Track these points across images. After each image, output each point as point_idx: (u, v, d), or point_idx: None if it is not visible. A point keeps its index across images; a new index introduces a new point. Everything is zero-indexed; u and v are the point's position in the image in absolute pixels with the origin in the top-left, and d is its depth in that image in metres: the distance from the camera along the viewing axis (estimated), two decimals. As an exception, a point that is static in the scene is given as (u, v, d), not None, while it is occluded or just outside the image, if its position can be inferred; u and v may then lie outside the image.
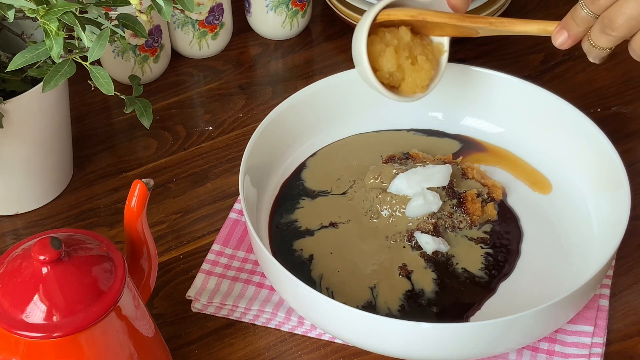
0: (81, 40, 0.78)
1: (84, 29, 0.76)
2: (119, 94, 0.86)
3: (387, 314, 0.83)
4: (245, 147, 0.89)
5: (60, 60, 0.78)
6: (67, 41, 0.78)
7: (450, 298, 0.84)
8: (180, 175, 1.00)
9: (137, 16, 0.82)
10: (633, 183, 0.87)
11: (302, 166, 0.97)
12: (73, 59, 0.79)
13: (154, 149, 1.03)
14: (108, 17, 0.82)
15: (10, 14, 0.75)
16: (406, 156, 0.96)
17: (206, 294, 0.86)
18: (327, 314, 0.79)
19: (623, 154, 0.90)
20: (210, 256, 0.90)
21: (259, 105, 1.08)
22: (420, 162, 0.94)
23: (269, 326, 0.86)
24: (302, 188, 0.95)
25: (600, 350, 0.82)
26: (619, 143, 0.93)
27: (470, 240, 0.89)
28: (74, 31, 0.78)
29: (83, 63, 0.79)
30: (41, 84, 0.81)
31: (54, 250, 0.68)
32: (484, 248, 0.88)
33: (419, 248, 0.88)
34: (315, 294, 0.77)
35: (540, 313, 0.76)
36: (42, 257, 0.67)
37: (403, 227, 0.89)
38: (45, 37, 0.75)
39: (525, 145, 0.97)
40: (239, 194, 0.90)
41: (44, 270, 0.68)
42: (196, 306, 0.87)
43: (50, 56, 0.75)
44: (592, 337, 0.83)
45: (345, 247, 0.89)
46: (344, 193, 0.94)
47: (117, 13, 0.84)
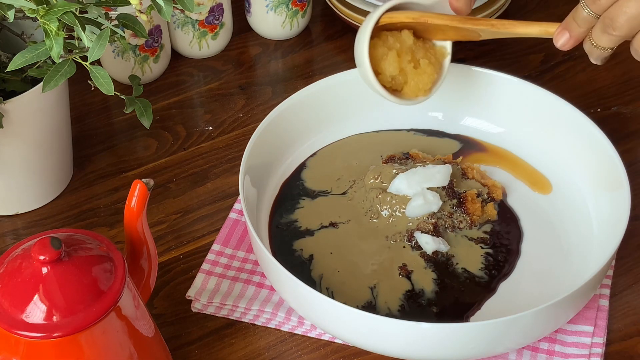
0: (81, 40, 0.77)
1: (84, 29, 0.76)
2: (119, 94, 0.86)
3: (387, 314, 0.83)
4: (245, 147, 0.89)
5: (60, 60, 0.78)
6: (67, 41, 0.78)
7: (450, 298, 0.84)
8: (180, 175, 1.00)
9: (137, 16, 0.82)
10: (633, 183, 0.87)
11: (302, 166, 0.97)
12: (73, 59, 0.79)
13: (154, 149, 1.03)
14: (108, 17, 0.82)
15: (10, 14, 0.75)
16: (406, 156, 0.96)
17: (206, 294, 0.86)
18: (327, 314, 0.79)
19: (623, 154, 0.90)
20: (210, 256, 0.90)
21: (259, 105, 1.08)
22: (420, 162, 0.94)
23: (269, 326, 0.85)
24: (302, 188, 0.95)
25: (600, 350, 0.82)
26: (619, 143, 0.93)
27: (470, 240, 0.89)
28: (74, 31, 0.78)
29: (83, 63, 0.79)
30: (41, 84, 0.81)
31: (54, 250, 0.68)
32: (484, 248, 0.88)
33: (419, 248, 0.88)
34: (315, 294, 0.77)
35: (540, 313, 0.76)
36: (42, 257, 0.67)
37: (403, 227, 0.89)
38: (45, 37, 0.75)
39: (525, 145, 0.97)
40: (239, 194, 0.90)
41: (44, 270, 0.68)
42: (196, 306, 0.87)
43: (50, 56, 0.75)
44: (592, 337, 0.83)
45: (345, 247, 0.89)
46: (344, 193, 0.94)
47: (117, 13, 0.84)
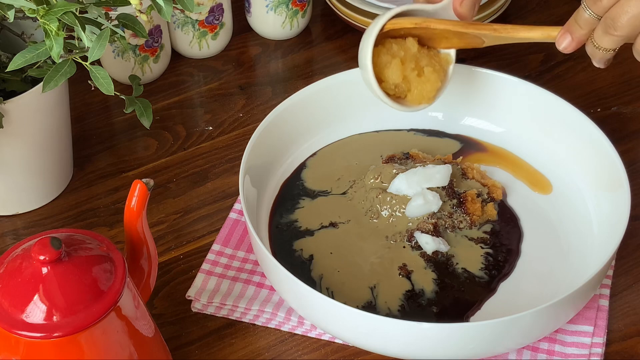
0: (81, 40, 0.77)
1: (84, 29, 0.76)
2: (119, 94, 0.86)
3: (387, 314, 0.83)
4: (245, 147, 0.89)
5: (60, 60, 0.78)
6: (67, 41, 0.78)
7: (450, 298, 0.84)
8: (180, 175, 1.00)
9: (137, 16, 0.82)
10: (633, 183, 0.87)
11: (302, 166, 0.97)
12: (73, 59, 0.79)
13: (154, 149, 1.03)
14: (108, 17, 0.82)
15: (10, 14, 0.75)
16: (406, 156, 0.96)
17: (206, 294, 0.86)
18: (327, 314, 0.79)
19: (623, 154, 0.90)
20: (210, 256, 0.90)
21: (259, 105, 1.08)
22: (420, 162, 0.94)
23: (269, 326, 0.85)
24: (302, 188, 0.95)
25: (600, 350, 0.82)
26: (619, 143, 0.93)
27: (470, 240, 0.89)
28: (74, 31, 0.78)
29: (83, 63, 0.79)
30: (41, 84, 0.81)
31: (54, 250, 0.68)
32: (484, 248, 0.88)
33: (419, 248, 0.88)
34: (315, 294, 0.77)
35: (540, 313, 0.76)
36: (42, 257, 0.67)
37: (403, 227, 0.89)
38: (45, 37, 0.75)
39: (526, 145, 0.97)
40: (239, 194, 0.90)
41: (44, 270, 0.68)
42: (196, 306, 0.87)
43: (50, 56, 0.75)
44: (592, 337, 0.83)
45: (345, 247, 0.89)
46: (344, 193, 0.94)
47: (117, 13, 0.84)
